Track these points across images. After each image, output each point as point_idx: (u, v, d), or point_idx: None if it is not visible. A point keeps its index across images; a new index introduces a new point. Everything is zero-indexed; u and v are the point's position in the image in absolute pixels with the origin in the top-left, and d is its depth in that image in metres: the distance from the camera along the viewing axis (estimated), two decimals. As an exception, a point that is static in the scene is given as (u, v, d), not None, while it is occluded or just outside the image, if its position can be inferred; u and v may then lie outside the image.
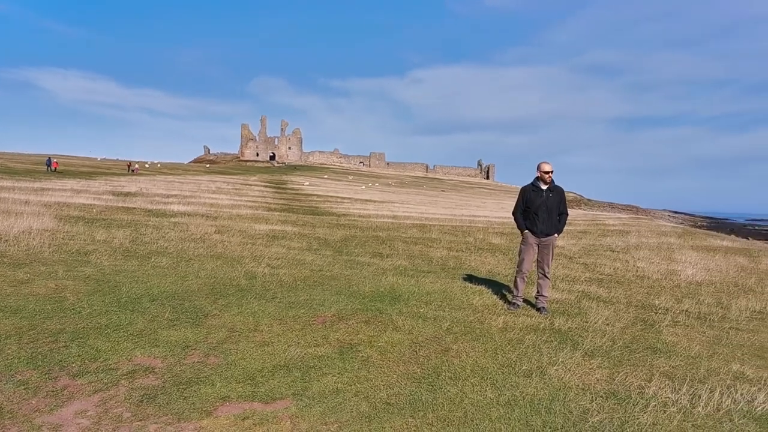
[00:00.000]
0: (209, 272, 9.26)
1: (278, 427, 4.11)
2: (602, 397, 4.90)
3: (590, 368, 5.62)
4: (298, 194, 45.57)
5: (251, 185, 53.86)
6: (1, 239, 10.58)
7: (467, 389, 4.93)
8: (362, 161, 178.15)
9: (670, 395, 4.98)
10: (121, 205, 21.19)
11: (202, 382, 4.82)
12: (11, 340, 5.39)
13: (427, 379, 5.15)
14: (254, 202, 31.62)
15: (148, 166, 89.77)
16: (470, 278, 10.44)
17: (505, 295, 8.91)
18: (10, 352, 5.12)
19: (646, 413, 4.57)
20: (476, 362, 5.64)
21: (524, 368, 5.52)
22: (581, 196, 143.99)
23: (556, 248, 8.41)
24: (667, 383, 5.30)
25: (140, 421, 4.11)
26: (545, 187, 7.97)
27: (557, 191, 8.05)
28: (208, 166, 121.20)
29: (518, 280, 8.14)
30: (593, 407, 4.64)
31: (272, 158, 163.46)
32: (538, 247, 8.04)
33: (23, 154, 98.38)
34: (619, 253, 16.60)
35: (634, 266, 13.62)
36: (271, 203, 31.80)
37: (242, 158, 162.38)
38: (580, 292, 9.77)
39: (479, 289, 9.32)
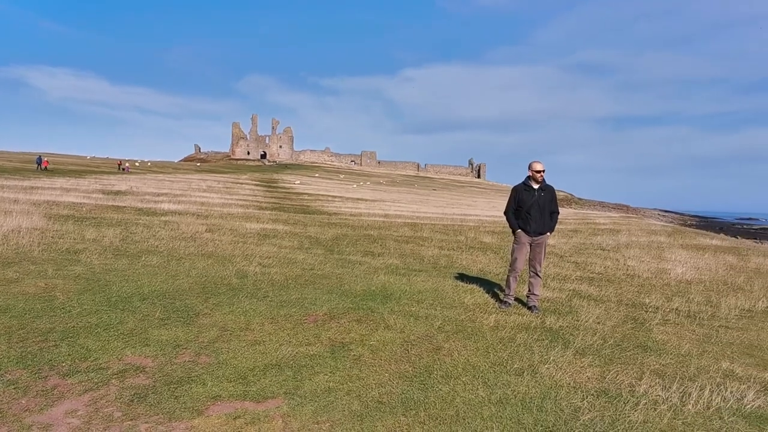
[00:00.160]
0: (200, 271, 9.22)
1: (270, 426, 4.10)
2: (593, 395, 4.92)
3: (581, 366, 5.64)
4: (289, 193, 45.49)
5: (242, 184, 53.72)
6: (-11, 238, 10.50)
7: (459, 388, 4.94)
8: (353, 160, 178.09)
9: (660, 393, 5.01)
10: (111, 203, 21.08)
11: (193, 381, 4.80)
12: (0, 339, 5.35)
13: (418, 377, 5.15)
14: (245, 200, 31.54)
15: (138, 164, 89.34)
16: (462, 277, 10.45)
17: (496, 293, 8.93)
18: (-1, 351, 5.09)
19: (636, 411, 4.59)
20: (468, 361, 5.65)
21: (516, 367, 5.54)
22: (572, 195, 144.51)
23: (547, 247, 8.43)
24: (657, 381, 5.32)
25: (131, 420, 4.08)
26: (537, 186, 7.99)
27: (549, 190, 8.07)
28: (198, 164, 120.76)
29: (511, 278, 8.16)
30: (584, 405, 4.66)
31: (263, 157, 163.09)
32: (530, 246, 8.06)
33: (12, 152, 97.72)
34: (609, 251, 16.67)
35: (624, 265, 13.67)
36: (262, 202, 31.73)
37: (233, 157, 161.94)
38: (571, 290, 9.80)
39: (471, 287, 9.34)
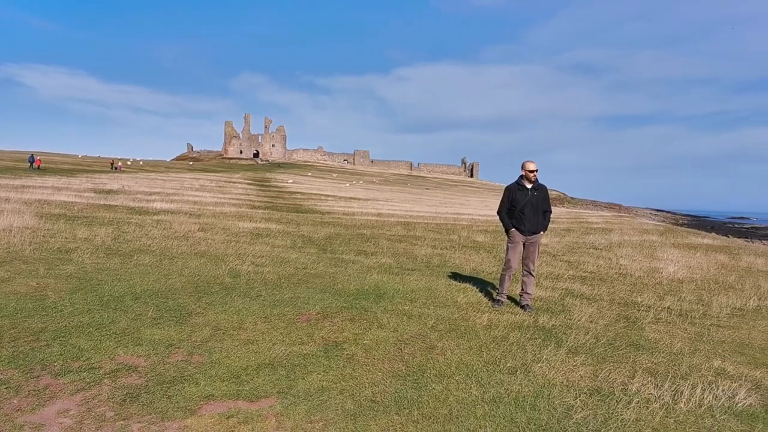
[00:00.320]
0: (193, 270, 9.20)
1: (263, 425, 4.09)
2: (586, 393, 4.93)
3: (574, 365, 5.65)
4: (282, 192, 45.43)
5: (235, 183, 53.61)
6: (-20, 237, 10.44)
7: (452, 387, 4.94)
8: (346, 159, 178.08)
9: (652, 391, 5.03)
10: (102, 202, 20.99)
11: (186, 380, 4.78)
12: (-9, 339, 5.32)
13: (412, 376, 5.16)
14: (238, 199, 31.47)
15: (130, 163, 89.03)
16: (455, 276, 10.46)
17: (489, 292, 8.94)
18: (-10, 351, 5.06)
19: (629, 409, 4.61)
20: (461, 360, 5.65)
21: (509, 365, 5.55)
22: (565, 194, 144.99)
23: (540, 246, 8.45)
24: (649, 380, 5.35)
25: (123, 420, 4.07)
26: (530, 185, 8.01)
27: (541, 189, 8.09)
28: (191, 163, 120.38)
29: (504, 277, 8.16)
30: (577, 404, 4.67)
31: (256, 156, 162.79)
32: (524, 245, 8.07)
33: (4, 151, 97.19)
34: (602, 250, 16.72)
35: (616, 264, 13.72)
36: (254, 201, 31.67)
37: (226, 156, 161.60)
38: (563, 289, 9.83)
39: (464, 286, 9.35)
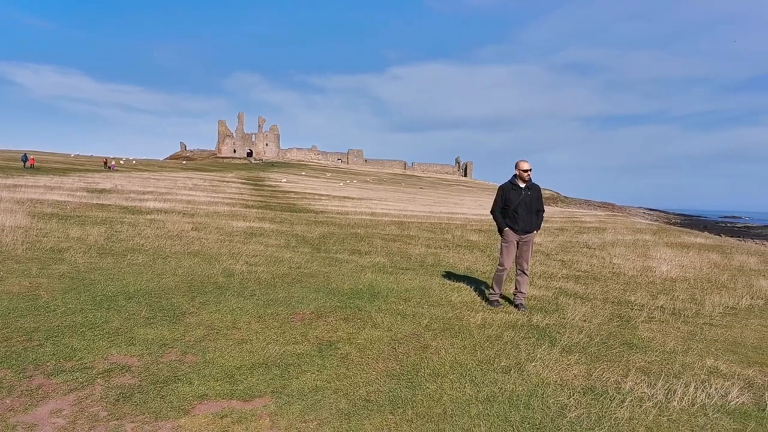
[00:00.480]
0: (186, 270, 9.17)
1: (257, 425, 4.08)
2: (580, 392, 4.94)
3: (568, 364, 5.67)
4: (275, 191, 45.36)
5: (228, 182, 53.50)
6: (-28, 236, 10.38)
7: (446, 386, 4.94)
8: (340, 158, 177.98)
9: (646, 390, 5.04)
10: (95, 202, 20.91)
11: (179, 380, 4.77)
12: (-17, 339, 5.29)
13: (406, 375, 5.16)
14: (231, 199, 31.41)
15: (123, 162, 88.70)
16: (449, 275, 10.47)
17: (483, 291, 8.95)
18: (-18, 351, 5.03)
19: (622, 408, 4.62)
20: (455, 359, 5.66)
21: (503, 364, 5.55)
22: (558, 193, 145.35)
23: (533, 245, 8.47)
24: (643, 378, 5.36)
25: (117, 420, 4.05)
26: (523, 185, 8.02)
27: (535, 189, 8.11)
28: (184, 162, 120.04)
29: (499, 277, 8.17)
30: (571, 403, 4.68)
31: (249, 155, 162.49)
32: (518, 244, 8.08)
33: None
34: (595, 250, 16.77)
35: (610, 263, 13.77)
36: (248, 200, 31.61)
37: (219, 155, 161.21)
38: (557, 288, 9.85)
39: (458, 285, 9.36)
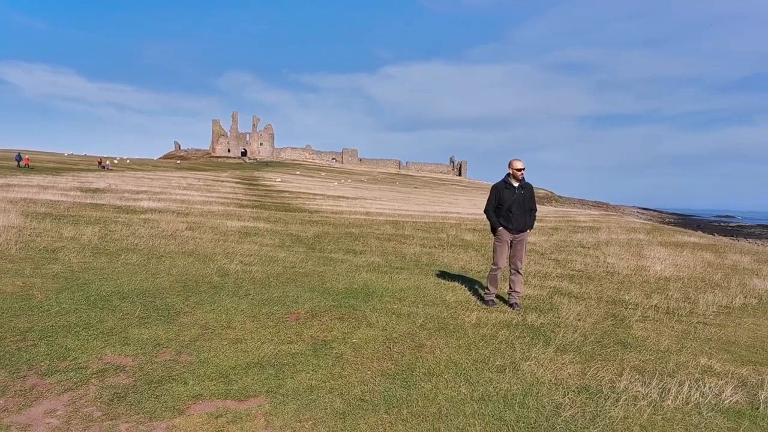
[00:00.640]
0: (181, 269, 9.15)
1: (252, 424, 4.08)
2: (574, 391, 4.96)
3: (562, 363, 5.68)
4: (270, 191, 45.28)
5: (223, 182, 53.38)
6: (-36, 236, 10.33)
7: (441, 385, 4.95)
8: (335, 158, 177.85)
9: (640, 389, 5.06)
10: (89, 201, 20.83)
11: (174, 380, 4.76)
12: (-24, 339, 5.27)
13: (401, 375, 5.16)
14: (226, 198, 31.34)
15: (117, 162, 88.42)
16: (443, 274, 10.48)
17: (478, 291, 8.96)
18: (-25, 351, 5.00)
19: (617, 407, 4.64)
20: (450, 358, 5.66)
21: (498, 364, 5.56)
22: (552, 192, 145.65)
23: (527, 244, 8.48)
24: (637, 377, 5.38)
25: (111, 420, 4.04)
26: (517, 184, 8.03)
27: (528, 188, 8.13)
28: (178, 162, 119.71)
29: (493, 276, 8.18)
30: (566, 402, 4.70)
31: (244, 154, 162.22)
32: (511, 243, 8.09)
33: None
34: (589, 249, 16.81)
35: (604, 262, 13.80)
36: (243, 200, 31.55)
37: (213, 154, 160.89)
38: (551, 288, 9.87)
39: (452, 285, 9.37)
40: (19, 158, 53.79)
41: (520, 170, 7.98)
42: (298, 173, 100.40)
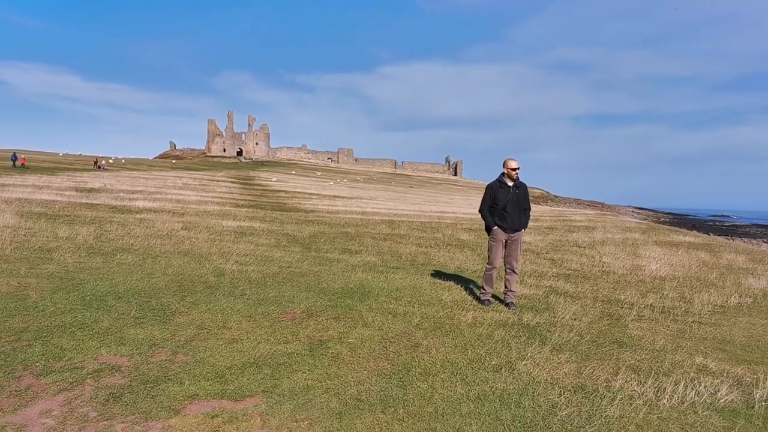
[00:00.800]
0: (176, 269, 9.13)
1: (248, 424, 4.07)
2: (570, 391, 4.96)
3: (558, 363, 5.69)
4: (265, 190, 45.24)
5: (218, 181, 53.30)
6: (-41, 236, 10.29)
7: (437, 384, 4.95)
8: (330, 157, 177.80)
9: (636, 388, 5.07)
10: (84, 201, 20.78)
11: (169, 380, 4.75)
12: (-29, 339, 5.25)
13: (397, 374, 5.16)
14: (221, 198, 31.30)
15: (112, 161, 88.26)
16: (439, 274, 10.48)
17: (473, 290, 8.97)
18: (-31, 351, 4.99)
19: (613, 406, 4.64)
20: (446, 358, 5.66)
21: (494, 363, 5.57)
22: (548, 192, 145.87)
23: (523, 244, 8.48)
24: (633, 376, 5.39)
25: (107, 420, 4.03)
26: (511, 183, 8.05)
27: (522, 187, 8.14)
28: (174, 161, 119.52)
29: (489, 276, 8.19)
30: (561, 401, 4.70)
31: (239, 154, 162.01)
32: (506, 242, 8.10)
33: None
34: (585, 248, 16.83)
35: (600, 262, 13.82)
36: (238, 199, 31.51)
37: (209, 154, 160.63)
38: (547, 287, 9.88)
39: (448, 284, 9.37)
40: (14, 158, 53.55)
41: (514, 170, 7.99)
42: (293, 173, 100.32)
